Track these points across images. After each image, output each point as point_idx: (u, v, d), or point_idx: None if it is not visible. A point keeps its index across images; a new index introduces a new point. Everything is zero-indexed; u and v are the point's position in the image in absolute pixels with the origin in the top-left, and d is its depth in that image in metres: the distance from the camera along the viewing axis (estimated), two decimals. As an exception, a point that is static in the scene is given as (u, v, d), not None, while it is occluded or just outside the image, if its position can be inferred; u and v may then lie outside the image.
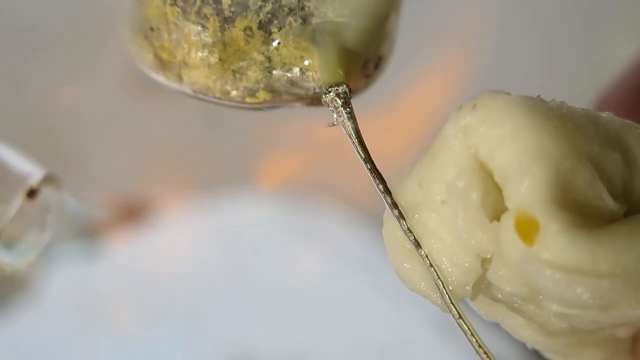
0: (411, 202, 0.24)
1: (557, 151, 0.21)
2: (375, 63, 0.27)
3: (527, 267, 0.21)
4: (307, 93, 0.26)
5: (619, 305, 0.22)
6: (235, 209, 0.60)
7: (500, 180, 0.22)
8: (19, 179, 0.31)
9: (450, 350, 0.53)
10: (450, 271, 0.23)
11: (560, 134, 0.22)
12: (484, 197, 0.22)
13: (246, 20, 0.25)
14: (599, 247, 0.21)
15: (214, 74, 0.26)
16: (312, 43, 0.26)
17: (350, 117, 0.25)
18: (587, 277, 0.21)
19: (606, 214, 0.22)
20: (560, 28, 0.67)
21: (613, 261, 0.21)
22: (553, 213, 0.21)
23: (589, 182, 0.22)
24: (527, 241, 0.21)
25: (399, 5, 0.27)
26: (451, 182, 0.23)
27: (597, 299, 0.21)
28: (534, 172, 0.21)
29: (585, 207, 0.22)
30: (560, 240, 0.21)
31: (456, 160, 0.23)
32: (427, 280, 0.24)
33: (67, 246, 0.58)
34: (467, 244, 0.23)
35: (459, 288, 0.23)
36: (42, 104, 0.69)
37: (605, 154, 0.23)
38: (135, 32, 0.28)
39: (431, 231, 0.23)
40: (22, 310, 0.57)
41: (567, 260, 0.21)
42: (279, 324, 0.57)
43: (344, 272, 0.58)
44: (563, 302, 0.22)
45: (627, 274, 0.21)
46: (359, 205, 0.59)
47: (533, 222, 0.21)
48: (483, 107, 0.22)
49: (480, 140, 0.22)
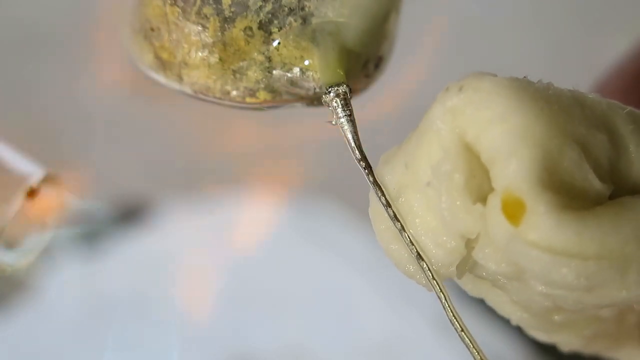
0: (398, 184, 0.24)
1: (544, 133, 0.21)
2: (375, 63, 0.28)
3: (513, 247, 0.22)
4: (307, 93, 0.26)
5: (604, 287, 0.22)
6: (235, 209, 0.60)
7: (487, 161, 0.22)
8: (19, 179, 0.31)
9: (450, 350, 0.53)
10: (434, 252, 0.23)
11: (546, 115, 0.22)
12: (469, 179, 0.22)
13: (246, 20, 0.25)
14: (586, 229, 0.21)
15: (214, 74, 0.26)
16: (312, 43, 0.26)
17: (350, 119, 0.25)
18: (573, 258, 0.21)
19: (592, 195, 0.22)
20: (557, 24, 0.67)
21: (599, 243, 0.21)
22: (540, 194, 0.21)
23: (576, 163, 0.22)
24: (514, 222, 0.21)
25: (399, 5, 0.27)
26: (436, 164, 0.23)
27: (583, 280, 0.21)
28: (521, 154, 0.21)
29: (572, 189, 0.22)
30: (546, 221, 0.21)
31: (442, 143, 0.23)
32: (414, 262, 0.24)
33: (67, 246, 0.58)
34: (451, 226, 0.23)
35: (443, 268, 0.24)
36: (43, 104, 0.69)
37: (592, 135, 0.23)
38: (135, 32, 0.28)
39: (416, 213, 0.23)
40: (22, 310, 0.57)
41: (553, 241, 0.21)
42: (279, 324, 0.57)
43: (344, 272, 0.58)
44: (548, 283, 0.22)
45: (613, 256, 0.21)
46: (358, 206, 0.59)
47: (520, 204, 0.21)
48: (470, 89, 0.22)
49: (468, 122, 0.22)
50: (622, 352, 0.28)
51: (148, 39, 0.27)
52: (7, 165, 0.31)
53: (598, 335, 0.27)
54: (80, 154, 0.67)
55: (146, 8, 0.27)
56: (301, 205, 0.60)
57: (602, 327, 0.27)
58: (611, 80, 0.36)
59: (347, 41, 0.26)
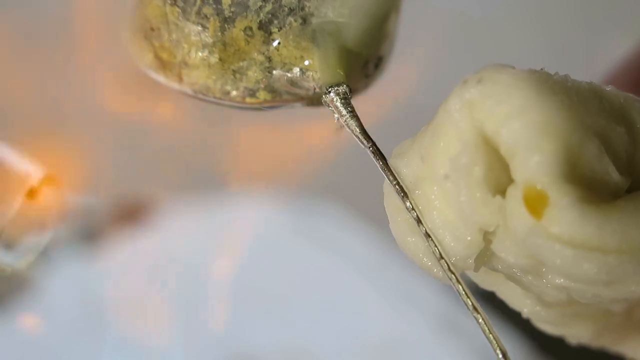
0: (414, 177, 0.24)
1: (565, 126, 0.21)
2: (375, 63, 0.28)
3: (534, 240, 0.22)
4: (307, 93, 0.26)
5: (624, 282, 0.22)
6: (234, 209, 0.60)
7: (506, 154, 0.22)
8: (19, 179, 0.31)
9: (450, 350, 0.53)
10: (452, 245, 0.23)
11: (567, 108, 0.22)
12: (487, 172, 0.22)
13: (246, 20, 0.25)
14: (607, 223, 0.21)
15: (214, 74, 0.26)
16: (312, 43, 0.26)
17: (353, 114, 0.25)
18: (595, 252, 0.21)
19: (612, 188, 0.22)
20: (559, 23, 0.67)
21: (620, 237, 0.21)
22: (562, 188, 0.21)
23: (597, 156, 0.22)
24: (536, 215, 0.21)
25: (399, 5, 0.27)
26: (454, 157, 0.22)
27: (603, 275, 0.21)
28: (543, 147, 0.21)
29: (592, 181, 0.22)
30: (569, 215, 0.21)
31: (460, 136, 0.22)
32: (430, 255, 0.24)
33: (67, 246, 0.58)
34: (469, 219, 0.23)
35: (461, 261, 0.23)
36: (43, 104, 0.69)
37: (611, 127, 0.23)
38: (135, 32, 0.28)
39: (434, 205, 0.23)
40: (22, 310, 0.57)
41: (576, 235, 0.21)
42: (279, 324, 0.57)
43: (344, 272, 0.58)
44: (568, 276, 0.22)
45: (634, 251, 0.21)
46: (358, 205, 0.59)
47: (542, 196, 0.21)
48: (489, 82, 0.22)
49: (487, 115, 0.22)
50: (627, 346, 0.28)
51: (148, 39, 0.27)
52: (7, 165, 0.31)
53: (607, 328, 0.27)
54: (80, 154, 0.67)
55: (146, 8, 0.27)
56: (301, 205, 0.60)
57: (611, 321, 0.27)
58: (620, 74, 0.36)
59: (347, 41, 0.26)
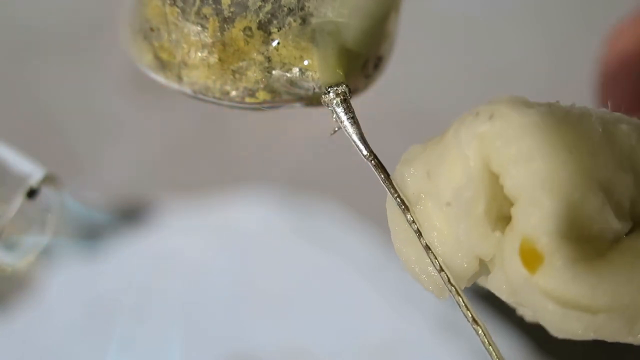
0: (418, 190, 0.24)
1: (569, 181, 0.21)
2: (375, 63, 0.28)
3: (526, 290, 0.22)
4: (307, 93, 0.26)
5: (609, 336, 0.22)
6: (235, 209, 0.60)
7: (509, 194, 0.22)
8: (19, 179, 0.31)
9: (450, 350, 0.53)
10: (448, 266, 0.24)
11: (574, 161, 0.22)
12: (489, 206, 0.23)
13: (246, 20, 0.25)
14: (600, 282, 0.22)
15: (214, 74, 0.26)
16: (311, 43, 0.26)
17: (353, 121, 0.25)
18: (584, 312, 0.22)
19: (609, 235, 0.22)
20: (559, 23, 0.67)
21: (612, 296, 0.22)
22: (558, 247, 0.21)
23: (598, 210, 0.22)
24: (530, 269, 0.22)
25: (399, 5, 0.27)
26: (458, 189, 0.23)
27: (590, 333, 0.22)
28: (544, 205, 0.21)
29: (591, 233, 0.22)
30: (562, 275, 0.21)
31: (466, 169, 0.23)
32: (423, 264, 0.24)
33: (67, 246, 0.58)
34: (468, 248, 0.23)
35: (456, 279, 0.24)
36: (43, 104, 0.69)
37: (617, 177, 0.23)
38: (135, 32, 0.28)
39: (434, 225, 0.24)
40: (22, 310, 0.57)
41: (567, 294, 0.21)
42: (279, 324, 0.57)
43: (344, 272, 0.58)
44: (557, 331, 0.22)
45: (623, 308, 0.22)
46: (359, 206, 0.59)
47: (538, 254, 0.21)
48: (501, 119, 0.22)
49: (495, 154, 0.22)
50: None
51: (148, 39, 0.27)
52: (7, 165, 0.31)
53: None
54: (80, 154, 0.67)
55: (145, 8, 0.27)
56: (301, 205, 0.60)
57: None
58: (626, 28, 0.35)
59: (347, 41, 0.26)
